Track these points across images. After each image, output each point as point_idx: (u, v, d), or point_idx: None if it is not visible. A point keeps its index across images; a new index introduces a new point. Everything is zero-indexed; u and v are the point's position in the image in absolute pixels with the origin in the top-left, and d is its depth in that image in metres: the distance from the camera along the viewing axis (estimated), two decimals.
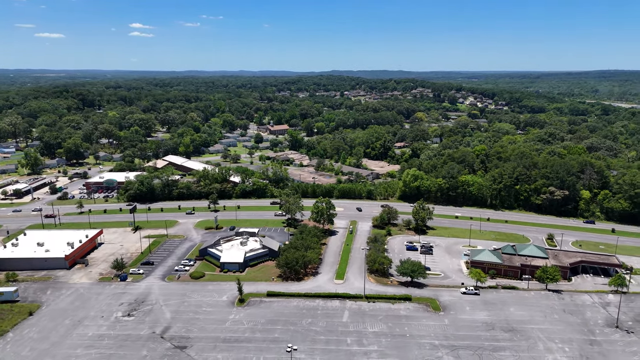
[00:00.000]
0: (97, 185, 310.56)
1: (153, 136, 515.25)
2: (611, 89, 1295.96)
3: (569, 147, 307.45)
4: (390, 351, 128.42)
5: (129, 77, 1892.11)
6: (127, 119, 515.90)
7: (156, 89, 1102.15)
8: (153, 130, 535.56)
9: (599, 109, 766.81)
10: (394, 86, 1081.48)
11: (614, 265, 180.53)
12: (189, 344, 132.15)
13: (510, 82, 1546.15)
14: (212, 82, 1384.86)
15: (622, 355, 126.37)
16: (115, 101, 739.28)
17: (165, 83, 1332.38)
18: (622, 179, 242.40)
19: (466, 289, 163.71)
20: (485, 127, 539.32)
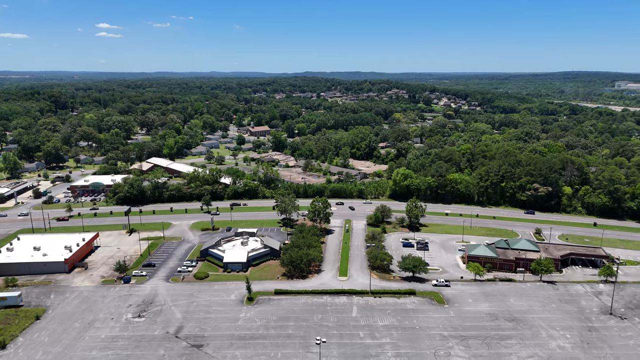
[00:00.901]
0: (83, 188, 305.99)
1: (132, 138, 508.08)
2: (576, 90, 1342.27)
3: (550, 145, 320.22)
4: (403, 343, 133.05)
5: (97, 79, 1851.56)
6: (105, 121, 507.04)
7: (128, 90, 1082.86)
8: (132, 133, 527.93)
9: (567, 109, 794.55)
10: (369, 87, 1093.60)
11: (600, 257, 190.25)
12: (204, 343, 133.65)
13: (480, 83, 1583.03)
14: (186, 84, 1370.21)
15: (619, 340, 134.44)
16: (89, 103, 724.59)
17: (137, 84, 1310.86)
18: (601, 175, 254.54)
19: (437, 281, 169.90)
20: (461, 127, 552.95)
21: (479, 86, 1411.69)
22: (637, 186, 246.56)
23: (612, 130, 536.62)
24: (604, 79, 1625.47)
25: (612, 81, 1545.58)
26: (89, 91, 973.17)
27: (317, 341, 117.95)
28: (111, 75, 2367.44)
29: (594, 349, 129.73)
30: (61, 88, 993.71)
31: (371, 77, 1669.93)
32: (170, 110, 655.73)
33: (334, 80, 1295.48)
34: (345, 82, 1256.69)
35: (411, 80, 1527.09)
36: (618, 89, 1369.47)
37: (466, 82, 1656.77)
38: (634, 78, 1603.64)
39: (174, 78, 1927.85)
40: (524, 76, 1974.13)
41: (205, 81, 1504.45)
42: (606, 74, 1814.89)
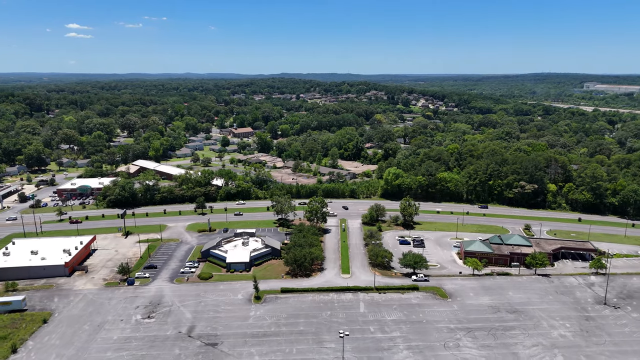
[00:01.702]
0: (70, 192, 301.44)
1: (114, 141, 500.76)
2: (547, 91, 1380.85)
3: (533, 144, 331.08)
4: (413, 336, 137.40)
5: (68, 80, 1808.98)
6: (86, 123, 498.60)
7: (103, 92, 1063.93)
8: (114, 135, 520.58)
9: (541, 109, 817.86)
10: (348, 89, 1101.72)
11: (589, 250, 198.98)
12: (218, 341, 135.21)
13: (455, 85, 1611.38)
14: (162, 85, 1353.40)
15: (616, 328, 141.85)
16: (65, 105, 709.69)
17: (111, 86, 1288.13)
18: (584, 173, 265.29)
19: (417, 276, 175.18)
20: (441, 128, 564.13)
21: (453, 87, 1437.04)
22: (617, 183, 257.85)
23: (585, 129, 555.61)
24: (573, 81, 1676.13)
25: (581, 82, 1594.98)
26: (62, 93, 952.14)
27: (340, 334, 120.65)
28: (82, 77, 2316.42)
29: (593, 337, 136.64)
30: (32, 90, 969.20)
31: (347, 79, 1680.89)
32: (151, 112, 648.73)
33: (312, 82, 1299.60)
34: (323, 83, 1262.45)
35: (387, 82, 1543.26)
36: (587, 90, 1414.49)
37: (441, 83, 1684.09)
38: (601, 79, 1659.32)
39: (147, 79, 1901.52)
40: (496, 78, 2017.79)
41: (181, 83, 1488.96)
42: (575, 76, 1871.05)
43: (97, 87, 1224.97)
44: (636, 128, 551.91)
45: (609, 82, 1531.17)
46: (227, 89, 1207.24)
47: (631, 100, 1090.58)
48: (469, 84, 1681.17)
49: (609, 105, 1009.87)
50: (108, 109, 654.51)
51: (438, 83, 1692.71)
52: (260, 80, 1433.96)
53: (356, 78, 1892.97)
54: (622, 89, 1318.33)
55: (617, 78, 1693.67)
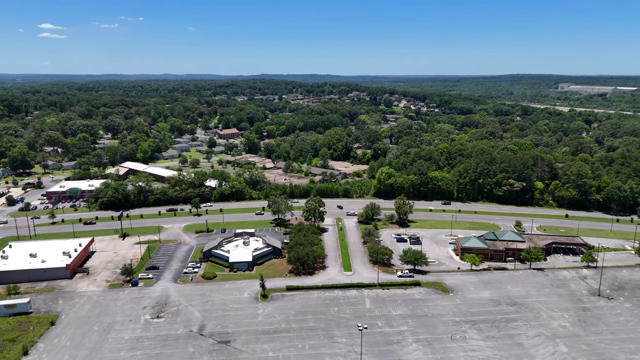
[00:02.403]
0: (59, 194, 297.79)
1: (99, 143, 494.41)
2: (524, 91, 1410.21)
3: (519, 143, 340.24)
4: (420, 329, 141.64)
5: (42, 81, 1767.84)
6: (69, 125, 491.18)
7: (81, 93, 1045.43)
8: (97, 137, 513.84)
9: (519, 110, 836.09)
10: (330, 90, 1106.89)
11: (579, 245, 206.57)
12: (230, 338, 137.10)
13: (434, 86, 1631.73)
14: (141, 86, 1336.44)
15: (611, 318, 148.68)
16: (45, 107, 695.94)
17: (88, 87, 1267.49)
18: (569, 170, 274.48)
19: (401, 272, 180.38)
20: (425, 128, 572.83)
21: (433, 88, 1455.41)
22: (602, 180, 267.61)
23: (564, 129, 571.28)
24: (548, 81, 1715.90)
25: (556, 83, 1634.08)
26: (38, 94, 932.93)
27: (358, 327, 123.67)
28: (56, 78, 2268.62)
29: (591, 327, 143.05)
30: (7, 92, 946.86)
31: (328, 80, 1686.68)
32: (134, 114, 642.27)
33: (294, 83, 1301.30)
34: (305, 84, 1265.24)
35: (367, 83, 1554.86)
36: (562, 90, 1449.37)
37: (420, 84, 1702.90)
38: (574, 80, 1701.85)
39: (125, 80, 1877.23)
40: (474, 79, 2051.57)
41: (161, 84, 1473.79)
42: (549, 77, 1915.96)
43: (74, 89, 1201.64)
44: (612, 127, 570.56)
45: (582, 83, 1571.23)
46: (208, 90, 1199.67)
47: (605, 100, 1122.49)
48: (448, 84, 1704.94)
49: (584, 105, 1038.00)
50: (89, 111, 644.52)
51: (418, 84, 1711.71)
52: (241, 81, 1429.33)
53: (336, 79, 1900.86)
54: (595, 90, 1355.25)
55: (590, 79, 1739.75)
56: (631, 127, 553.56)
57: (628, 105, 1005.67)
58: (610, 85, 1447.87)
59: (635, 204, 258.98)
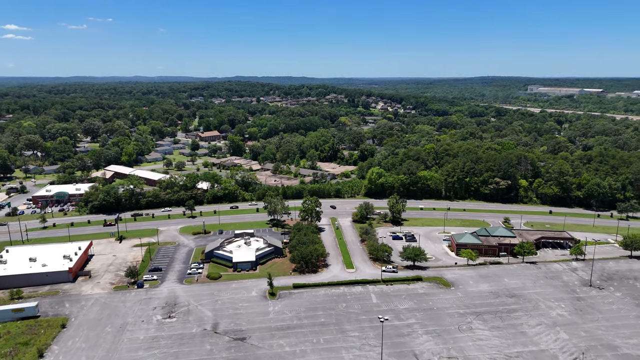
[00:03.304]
0: (46, 198, 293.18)
1: (78, 146, 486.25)
2: (495, 93, 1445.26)
3: (502, 143, 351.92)
4: (428, 322, 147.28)
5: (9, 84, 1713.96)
6: (47, 128, 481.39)
7: (51, 96, 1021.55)
8: (77, 140, 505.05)
9: (493, 111, 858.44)
10: (308, 92, 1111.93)
11: (566, 239, 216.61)
12: (246, 335, 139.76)
13: (408, 88, 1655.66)
14: (114, 89, 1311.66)
15: (604, 306, 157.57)
16: (18, 110, 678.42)
17: (59, 90, 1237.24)
18: (551, 168, 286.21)
19: (386, 267, 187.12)
20: (405, 129, 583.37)
21: (407, 90, 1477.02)
22: (582, 177, 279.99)
23: (538, 129, 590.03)
24: (517, 83, 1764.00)
25: (525, 85, 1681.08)
26: (6, 97, 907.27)
27: (379, 319, 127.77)
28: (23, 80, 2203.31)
29: (587, 315, 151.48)
30: None
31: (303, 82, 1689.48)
32: (112, 117, 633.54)
33: (270, 85, 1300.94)
34: (282, 86, 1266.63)
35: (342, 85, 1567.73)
36: (531, 92, 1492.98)
37: (395, 86, 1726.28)
38: (542, 82, 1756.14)
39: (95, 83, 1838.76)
40: (446, 81, 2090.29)
41: (134, 86, 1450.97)
42: (518, 79, 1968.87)
43: (43, 91, 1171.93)
44: (583, 127, 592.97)
45: (550, 85, 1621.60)
46: (184, 92, 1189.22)
47: (572, 101, 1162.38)
48: (421, 87, 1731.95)
49: (553, 106, 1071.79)
50: (65, 114, 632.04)
51: (392, 86, 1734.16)
52: (216, 84, 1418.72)
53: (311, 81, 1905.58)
54: (562, 92, 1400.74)
55: (557, 81, 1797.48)
56: (601, 127, 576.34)
57: (595, 106, 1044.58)
58: (576, 87, 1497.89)
59: (614, 199, 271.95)
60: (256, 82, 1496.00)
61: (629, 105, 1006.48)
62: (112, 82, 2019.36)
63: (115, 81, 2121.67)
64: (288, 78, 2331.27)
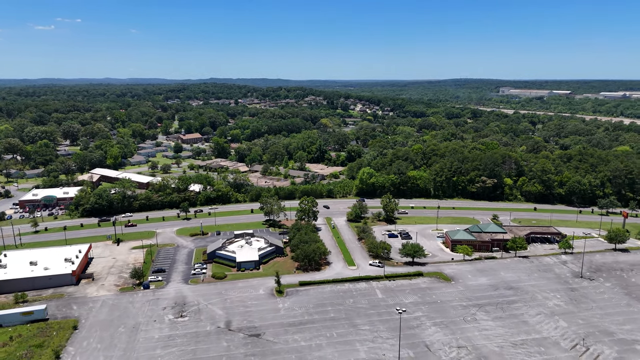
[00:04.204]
0: (33, 202, 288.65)
1: (58, 150, 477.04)
2: (469, 95, 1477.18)
3: (487, 143, 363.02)
4: (434, 314, 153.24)
5: None
6: (26, 132, 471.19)
7: (22, 98, 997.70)
8: (56, 144, 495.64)
9: (469, 112, 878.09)
10: (286, 94, 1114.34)
11: (553, 234, 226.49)
12: (260, 332, 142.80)
13: (384, 90, 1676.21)
14: (86, 91, 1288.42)
15: (596, 296, 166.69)
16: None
17: (28, 92, 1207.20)
18: (534, 167, 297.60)
19: (372, 261, 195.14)
20: (387, 131, 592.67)
21: (383, 92, 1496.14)
22: (563, 175, 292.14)
23: (514, 130, 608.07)
24: (489, 86, 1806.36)
25: (497, 87, 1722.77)
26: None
27: (397, 310, 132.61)
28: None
29: (582, 304, 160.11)
30: None
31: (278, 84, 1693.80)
32: (89, 119, 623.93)
33: (248, 87, 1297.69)
34: (260, 88, 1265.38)
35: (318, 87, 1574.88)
36: (503, 94, 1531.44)
37: (370, 89, 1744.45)
38: (513, 84, 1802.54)
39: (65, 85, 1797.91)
40: (420, 83, 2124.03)
41: (107, 88, 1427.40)
42: (490, 81, 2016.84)
43: (12, 94, 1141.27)
44: (556, 128, 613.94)
45: (520, 87, 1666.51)
46: (160, 94, 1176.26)
47: (543, 103, 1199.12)
48: (397, 89, 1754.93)
49: (525, 108, 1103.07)
50: (41, 117, 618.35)
51: (368, 88, 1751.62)
52: (192, 86, 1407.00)
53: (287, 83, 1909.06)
54: (533, 93, 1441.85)
55: (527, 83, 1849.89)
56: (574, 127, 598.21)
57: (564, 107, 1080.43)
58: (545, 89, 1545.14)
59: (594, 196, 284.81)
60: (232, 84, 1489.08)
61: (596, 107, 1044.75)
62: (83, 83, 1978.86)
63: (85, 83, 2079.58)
64: (263, 80, 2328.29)
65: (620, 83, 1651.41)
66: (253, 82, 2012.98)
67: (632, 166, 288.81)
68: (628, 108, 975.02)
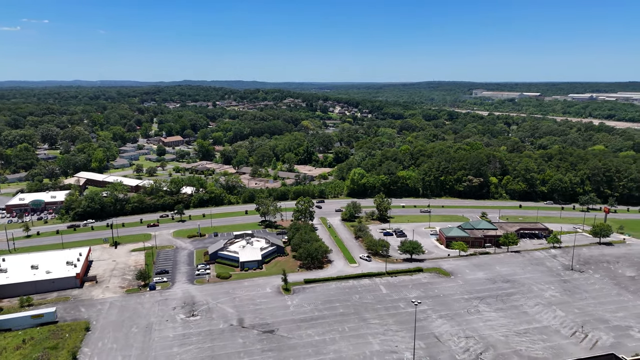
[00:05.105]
0: (21, 207, 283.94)
1: (37, 153, 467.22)
2: (444, 97, 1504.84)
3: (471, 144, 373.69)
4: (439, 307, 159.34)
5: None
6: (4, 135, 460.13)
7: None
8: (35, 147, 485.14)
9: (445, 114, 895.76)
10: (264, 96, 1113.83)
11: (541, 230, 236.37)
12: (273, 328, 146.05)
13: (359, 93, 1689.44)
14: (57, 93, 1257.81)
15: (588, 286, 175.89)
16: None
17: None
18: (518, 166, 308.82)
19: (362, 256, 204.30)
20: (369, 132, 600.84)
21: (359, 95, 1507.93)
22: (545, 174, 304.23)
23: (491, 131, 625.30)
24: (462, 88, 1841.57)
25: (469, 89, 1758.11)
26: None
27: (414, 302, 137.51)
28: None
29: (576, 294, 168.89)
30: None
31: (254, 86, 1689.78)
32: (66, 122, 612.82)
33: (225, 89, 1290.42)
34: (237, 90, 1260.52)
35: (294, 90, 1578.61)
36: (476, 96, 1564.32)
37: (347, 91, 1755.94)
38: (485, 87, 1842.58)
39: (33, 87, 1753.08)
40: (395, 86, 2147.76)
41: (79, 90, 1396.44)
42: (462, 84, 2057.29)
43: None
44: (531, 129, 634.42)
45: (492, 89, 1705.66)
46: (134, 97, 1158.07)
47: (515, 105, 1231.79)
48: (372, 91, 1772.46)
49: (498, 109, 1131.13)
50: (16, 120, 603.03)
51: (344, 91, 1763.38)
52: (168, 88, 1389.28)
53: (262, 85, 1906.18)
54: (504, 95, 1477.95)
55: (498, 85, 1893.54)
56: (547, 128, 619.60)
57: (535, 109, 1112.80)
58: (516, 91, 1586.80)
59: (574, 193, 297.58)
60: (208, 86, 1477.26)
61: (566, 108, 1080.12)
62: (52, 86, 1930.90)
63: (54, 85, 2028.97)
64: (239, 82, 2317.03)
65: (587, 85, 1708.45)
66: (228, 84, 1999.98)
67: (609, 164, 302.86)
68: (596, 109, 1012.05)
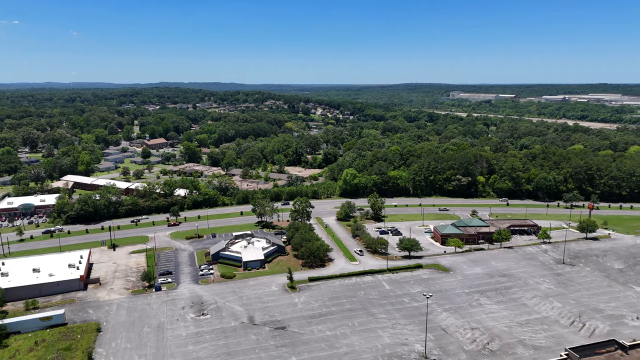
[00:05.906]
0: (10, 211, 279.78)
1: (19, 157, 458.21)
2: (422, 99, 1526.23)
3: (458, 144, 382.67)
4: (442, 301, 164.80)
5: None
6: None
7: None
8: (17, 151, 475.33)
9: (425, 116, 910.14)
10: (245, 98, 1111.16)
11: (530, 226, 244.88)
12: (284, 325, 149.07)
13: (339, 94, 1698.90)
14: (31, 96, 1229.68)
15: (580, 279, 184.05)
16: None
17: None
18: (504, 165, 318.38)
19: (354, 250, 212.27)
20: (352, 134, 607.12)
21: (339, 97, 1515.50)
22: (530, 172, 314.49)
23: (472, 132, 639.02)
24: (440, 90, 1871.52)
25: (447, 91, 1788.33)
26: None
27: (425, 295, 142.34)
28: None
29: (570, 286, 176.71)
30: None
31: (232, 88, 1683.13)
32: (45, 125, 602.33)
33: (204, 91, 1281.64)
34: (217, 92, 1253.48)
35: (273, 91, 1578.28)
36: (453, 98, 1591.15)
37: (326, 92, 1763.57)
38: (462, 89, 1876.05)
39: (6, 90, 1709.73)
40: (373, 88, 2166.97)
41: (54, 93, 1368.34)
42: (440, 86, 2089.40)
43: None
44: (510, 129, 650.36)
45: (469, 91, 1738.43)
46: (112, 99, 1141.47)
47: (491, 106, 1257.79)
48: (352, 93, 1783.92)
49: (476, 111, 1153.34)
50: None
51: (324, 92, 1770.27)
52: (145, 90, 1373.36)
53: (241, 87, 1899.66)
54: (481, 97, 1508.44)
55: (475, 87, 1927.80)
56: (526, 129, 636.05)
57: (512, 110, 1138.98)
58: (492, 92, 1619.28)
59: (558, 191, 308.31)
60: (186, 88, 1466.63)
61: (541, 109, 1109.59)
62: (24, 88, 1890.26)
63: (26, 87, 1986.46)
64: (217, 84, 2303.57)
65: (559, 87, 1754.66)
66: (206, 86, 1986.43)
67: (590, 163, 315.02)
68: (569, 110, 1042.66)
